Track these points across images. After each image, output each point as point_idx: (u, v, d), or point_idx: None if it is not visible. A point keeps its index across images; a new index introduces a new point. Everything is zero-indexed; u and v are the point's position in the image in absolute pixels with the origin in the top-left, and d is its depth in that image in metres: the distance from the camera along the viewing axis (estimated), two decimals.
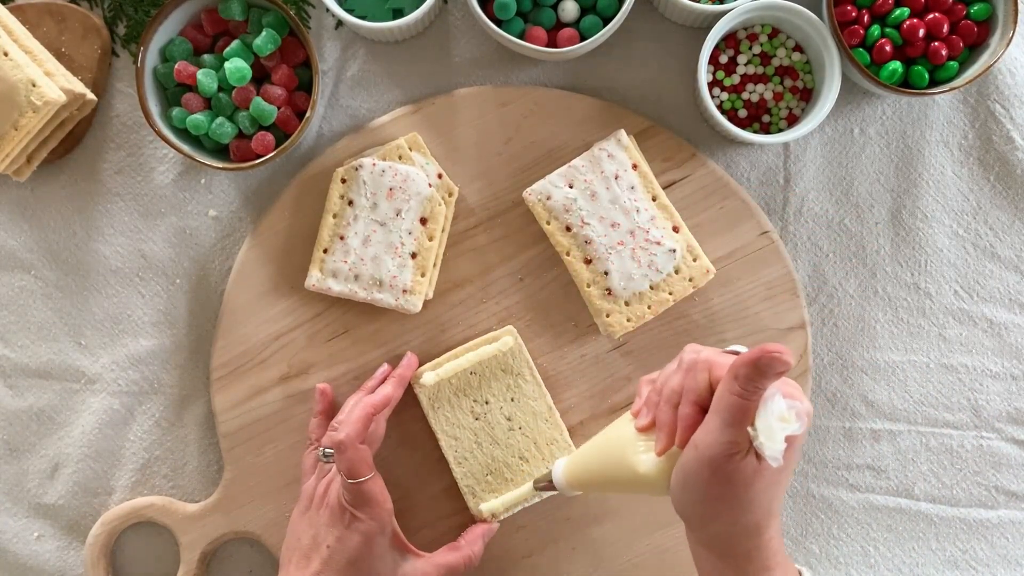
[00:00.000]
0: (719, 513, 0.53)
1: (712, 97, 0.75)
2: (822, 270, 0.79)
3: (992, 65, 0.72)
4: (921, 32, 0.72)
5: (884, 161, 0.79)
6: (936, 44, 0.73)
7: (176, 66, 0.73)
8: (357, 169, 0.74)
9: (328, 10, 0.75)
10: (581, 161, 0.74)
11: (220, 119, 0.73)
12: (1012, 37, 0.71)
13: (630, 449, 0.57)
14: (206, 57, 0.74)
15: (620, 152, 0.74)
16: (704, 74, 0.73)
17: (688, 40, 0.78)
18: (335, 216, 0.75)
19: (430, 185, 0.74)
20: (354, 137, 0.77)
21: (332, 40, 0.79)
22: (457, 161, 0.77)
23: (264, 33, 0.72)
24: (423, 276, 0.75)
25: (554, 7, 0.74)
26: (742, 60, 0.76)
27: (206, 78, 0.72)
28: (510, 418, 0.74)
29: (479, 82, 0.78)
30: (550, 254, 0.76)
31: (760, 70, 0.76)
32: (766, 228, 0.76)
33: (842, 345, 0.79)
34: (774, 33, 0.76)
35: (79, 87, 0.74)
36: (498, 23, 0.73)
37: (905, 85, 0.74)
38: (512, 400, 0.74)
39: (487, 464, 0.74)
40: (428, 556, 0.70)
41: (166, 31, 0.73)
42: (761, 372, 0.48)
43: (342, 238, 0.74)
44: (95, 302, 0.79)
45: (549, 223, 0.74)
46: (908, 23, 0.72)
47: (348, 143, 0.77)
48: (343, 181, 0.75)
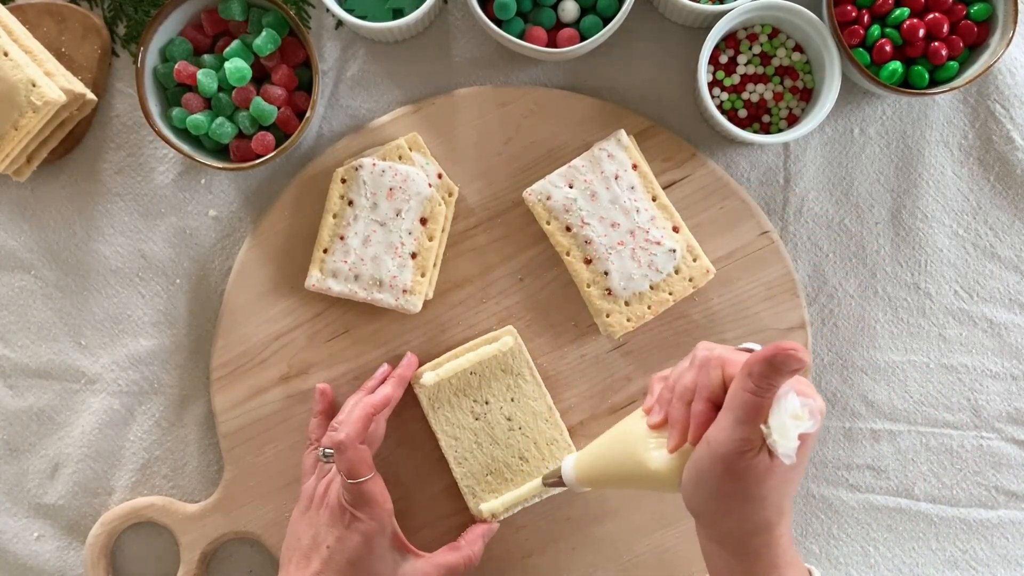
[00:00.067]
0: (730, 510, 0.53)
1: (712, 97, 0.75)
2: (822, 270, 0.79)
3: (992, 65, 0.72)
4: (921, 32, 0.72)
5: (884, 161, 0.79)
6: (936, 44, 0.73)
7: (176, 66, 0.73)
8: (357, 169, 0.74)
9: (328, 10, 0.75)
10: (581, 161, 0.74)
11: (220, 119, 0.73)
12: (1012, 37, 0.71)
13: (641, 446, 0.57)
14: (206, 57, 0.74)
15: (620, 152, 0.74)
16: (704, 74, 0.73)
17: (688, 40, 0.78)
18: (335, 216, 0.75)
19: (430, 185, 0.74)
20: (354, 137, 0.77)
21: (332, 40, 0.79)
22: (457, 161, 0.77)
23: (264, 33, 0.72)
24: (423, 276, 0.75)
25: (554, 7, 0.74)
26: (742, 60, 0.76)
27: (206, 78, 0.72)
28: (510, 418, 0.74)
29: (479, 82, 0.78)
30: (550, 254, 0.76)
31: (760, 70, 0.76)
32: (766, 228, 0.76)
33: (842, 345, 0.79)
34: (774, 33, 0.76)
35: (79, 87, 0.74)
36: (498, 23, 0.73)
37: (905, 85, 0.74)
38: (512, 400, 0.74)
39: (487, 464, 0.74)
40: (428, 556, 0.70)
41: (166, 31, 0.73)
42: (775, 369, 0.48)
43: (342, 238, 0.74)
44: (95, 302, 0.79)
45: (549, 223, 0.74)
46: (908, 23, 0.72)
47: (348, 143, 0.77)
48: (343, 181, 0.75)
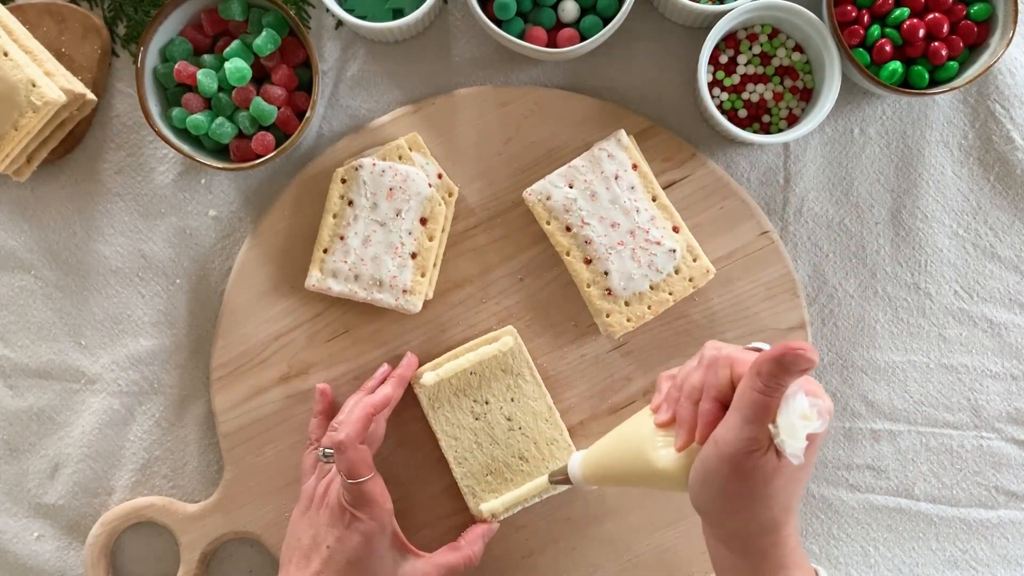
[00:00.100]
0: (737, 509, 0.53)
1: (712, 97, 0.75)
2: (822, 270, 0.79)
3: (992, 65, 0.72)
4: (921, 32, 0.72)
5: (884, 161, 0.79)
6: (936, 44, 0.73)
7: (176, 66, 0.73)
8: (357, 169, 0.74)
9: (328, 10, 0.75)
10: (581, 161, 0.74)
11: (220, 119, 0.73)
12: (1012, 37, 0.71)
13: (649, 444, 0.56)
14: (206, 57, 0.74)
15: (620, 152, 0.74)
16: (704, 74, 0.73)
17: (688, 40, 0.78)
18: (335, 216, 0.75)
19: (430, 185, 0.74)
20: (354, 137, 0.77)
21: (332, 40, 0.79)
22: (457, 161, 0.77)
23: (264, 33, 0.72)
24: (423, 276, 0.75)
25: (554, 7, 0.74)
26: (742, 60, 0.76)
27: (206, 78, 0.72)
28: (510, 418, 0.74)
29: (479, 82, 0.78)
30: (550, 254, 0.76)
31: (760, 70, 0.76)
32: (766, 228, 0.76)
33: (842, 345, 0.79)
34: (774, 33, 0.76)
35: (79, 87, 0.74)
36: (498, 23, 0.73)
37: (905, 85, 0.74)
38: (512, 400, 0.74)
39: (487, 464, 0.74)
40: (428, 556, 0.70)
41: (166, 31, 0.73)
42: (784, 369, 0.48)
43: (342, 238, 0.74)
44: (95, 302, 0.79)
45: (549, 223, 0.74)
46: (908, 23, 0.72)
47: (348, 143, 0.77)
48: (343, 181, 0.75)
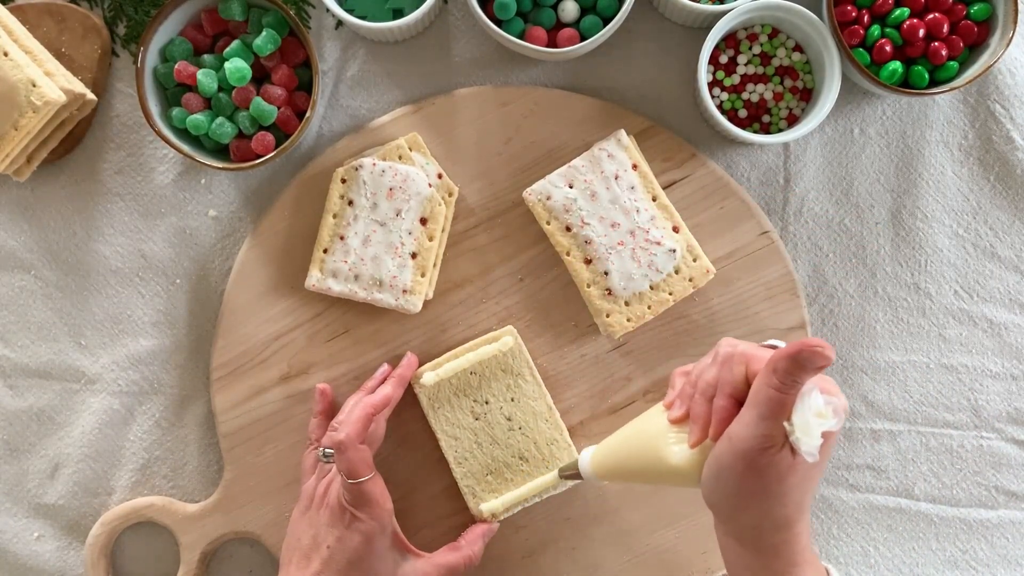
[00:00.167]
0: (750, 506, 0.53)
1: (712, 97, 0.75)
2: (822, 270, 0.79)
3: (992, 65, 0.72)
4: (921, 32, 0.72)
5: (884, 161, 0.79)
6: (936, 44, 0.72)
7: (176, 66, 0.73)
8: (357, 169, 0.74)
9: (328, 10, 0.75)
10: (581, 161, 0.74)
11: (220, 119, 0.73)
12: (1012, 37, 0.71)
13: (662, 440, 0.56)
14: (206, 57, 0.74)
15: (620, 152, 0.74)
16: (704, 74, 0.73)
17: (688, 40, 0.78)
18: (335, 216, 0.75)
19: (430, 185, 0.74)
20: (354, 137, 0.77)
21: (332, 40, 0.79)
22: (457, 161, 0.77)
23: (264, 33, 0.72)
24: (423, 276, 0.75)
25: (554, 7, 0.74)
26: (742, 60, 0.76)
27: (206, 78, 0.72)
28: (510, 418, 0.74)
29: (479, 82, 0.78)
30: (550, 254, 0.76)
31: (760, 70, 0.76)
32: (766, 228, 0.76)
33: (842, 345, 0.79)
34: (774, 33, 0.76)
35: (79, 87, 0.74)
36: (498, 23, 0.73)
37: (905, 85, 0.74)
38: (512, 400, 0.74)
39: (487, 464, 0.74)
40: (428, 556, 0.70)
41: (166, 31, 0.73)
42: (800, 366, 0.48)
43: (342, 238, 0.74)
44: (95, 302, 0.79)
45: (549, 223, 0.74)
46: (908, 23, 0.72)
47: (348, 143, 0.77)
48: (343, 181, 0.75)
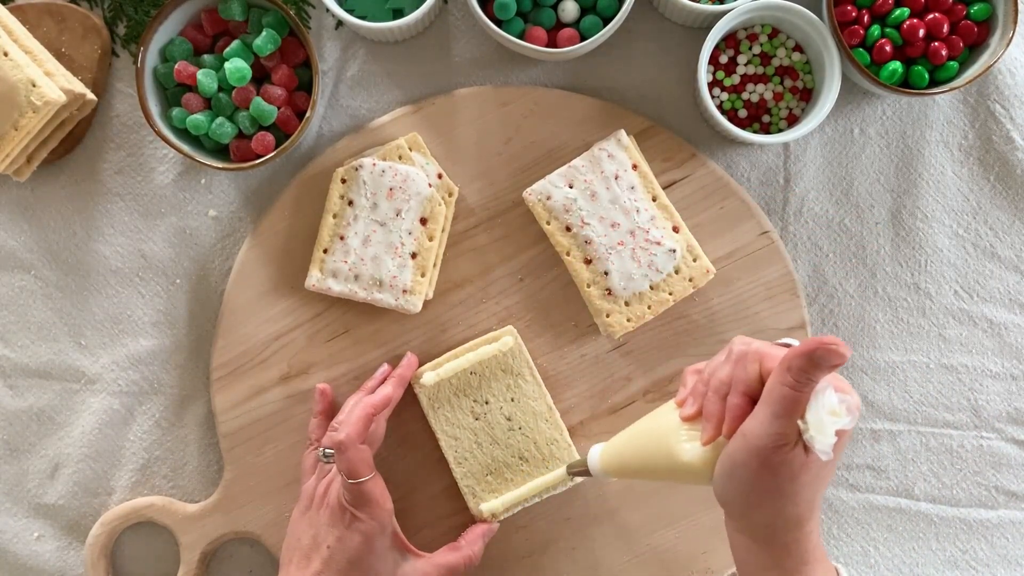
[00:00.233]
0: (763, 504, 0.53)
1: (712, 97, 0.75)
2: (822, 270, 0.79)
3: (992, 65, 0.72)
4: (921, 32, 0.72)
5: (884, 161, 0.79)
6: (936, 44, 0.73)
7: (176, 66, 0.73)
8: (357, 169, 0.74)
9: (328, 10, 0.75)
10: (581, 161, 0.74)
11: (220, 119, 0.73)
12: (1012, 37, 0.71)
13: (673, 438, 0.56)
14: (206, 57, 0.74)
15: (620, 152, 0.74)
16: (704, 74, 0.73)
17: (688, 40, 0.78)
18: (335, 216, 0.75)
19: (430, 185, 0.74)
20: (354, 137, 0.77)
21: (332, 40, 0.79)
22: (457, 161, 0.77)
23: (264, 33, 0.72)
24: (423, 276, 0.75)
25: (554, 7, 0.74)
26: (742, 60, 0.76)
27: (206, 78, 0.72)
28: (510, 418, 0.74)
29: (479, 82, 0.78)
30: (550, 254, 0.76)
31: (760, 70, 0.76)
32: (766, 228, 0.76)
33: None
34: (774, 33, 0.76)
35: (79, 87, 0.74)
36: (498, 23, 0.73)
37: (905, 85, 0.74)
38: (512, 400, 0.74)
39: (487, 464, 0.74)
40: (428, 556, 0.70)
41: (166, 31, 0.73)
42: (815, 364, 0.48)
43: (342, 238, 0.74)
44: (95, 302, 0.79)
45: (549, 223, 0.74)
46: (908, 23, 0.72)
47: (348, 143, 0.77)
48: (343, 181, 0.75)
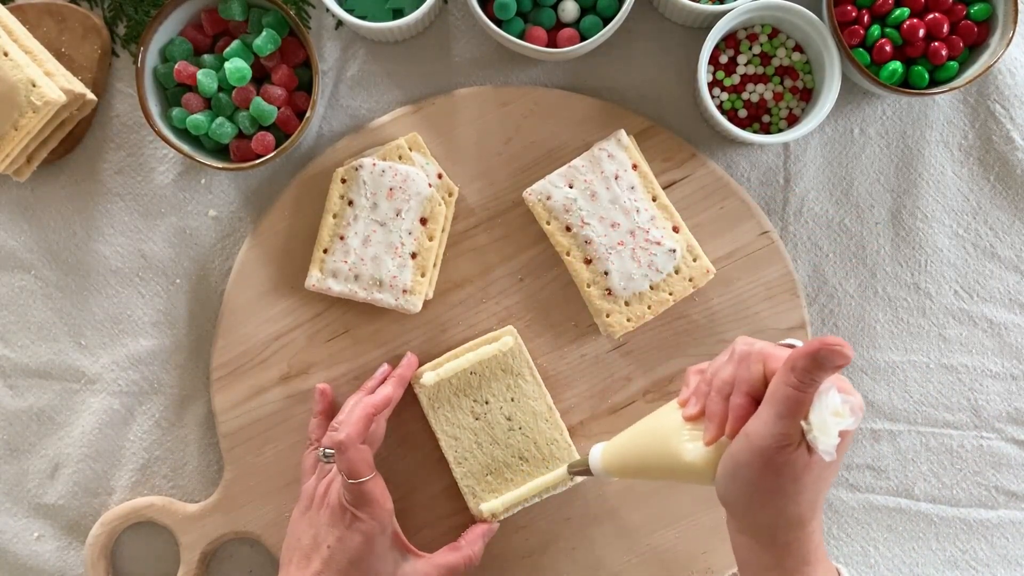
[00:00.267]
0: (765, 504, 0.53)
1: (712, 97, 0.75)
2: (822, 270, 0.79)
3: (992, 65, 0.72)
4: (921, 32, 0.72)
5: (884, 161, 0.79)
6: (936, 44, 0.73)
7: (176, 66, 0.73)
8: (357, 169, 0.74)
9: (328, 10, 0.75)
10: (581, 161, 0.74)
11: (220, 119, 0.73)
12: (1012, 37, 0.71)
13: (676, 437, 0.56)
14: (206, 57, 0.74)
15: (620, 152, 0.74)
16: (704, 74, 0.73)
17: (688, 40, 0.78)
18: (335, 216, 0.75)
19: (430, 185, 0.74)
20: (354, 137, 0.77)
21: (332, 40, 0.79)
22: (457, 161, 0.77)
23: (264, 33, 0.72)
24: (423, 276, 0.75)
25: (554, 7, 0.74)
26: (742, 60, 0.76)
27: (206, 78, 0.72)
28: (510, 418, 0.74)
29: (479, 82, 0.78)
30: (550, 254, 0.76)
31: (760, 70, 0.76)
32: (766, 228, 0.76)
33: None
34: (774, 33, 0.76)
35: (79, 87, 0.74)
36: (498, 23, 0.73)
37: (905, 85, 0.74)
38: (512, 400, 0.74)
39: (487, 464, 0.74)
40: (428, 556, 0.70)
41: (166, 31, 0.73)
42: (819, 365, 0.48)
43: (342, 238, 0.74)
44: (95, 302, 0.79)
45: (549, 223, 0.74)
46: (908, 23, 0.72)
47: (348, 143, 0.77)
48: (343, 181, 0.75)
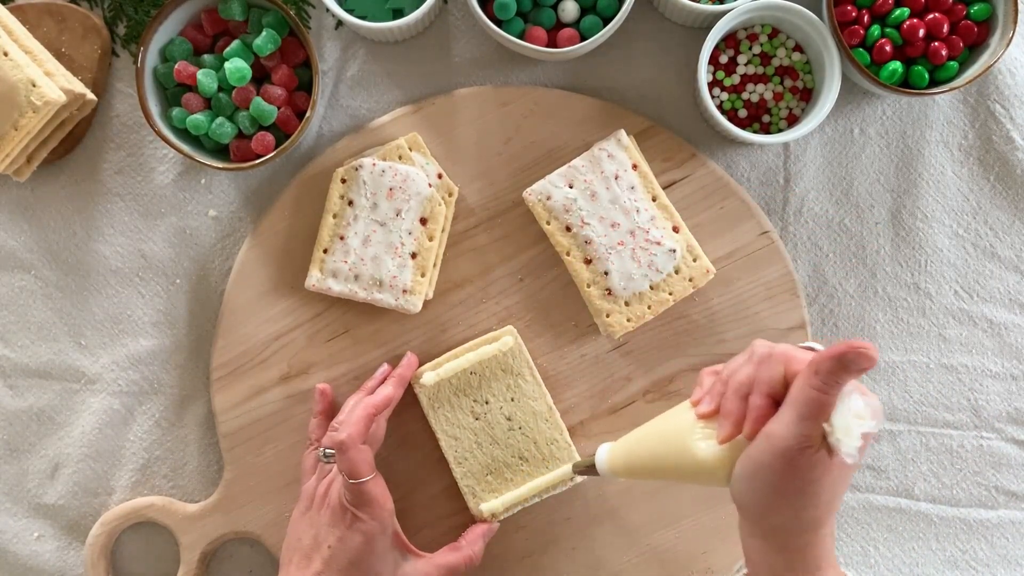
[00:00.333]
0: (782, 506, 0.53)
1: (712, 97, 0.75)
2: (822, 270, 0.79)
3: (992, 65, 0.72)
4: (921, 32, 0.72)
5: (884, 161, 0.79)
6: (936, 44, 0.73)
7: (176, 66, 0.73)
8: (357, 169, 0.74)
9: (328, 10, 0.75)
10: (581, 161, 0.74)
11: (220, 119, 0.73)
12: (1012, 37, 0.71)
13: (688, 436, 0.56)
14: (206, 57, 0.74)
15: (620, 152, 0.74)
16: (704, 74, 0.73)
17: (688, 40, 0.78)
18: (335, 216, 0.75)
19: (430, 185, 0.74)
20: (354, 137, 0.77)
21: (332, 40, 0.79)
22: (457, 161, 0.77)
23: (264, 33, 0.72)
24: (423, 276, 0.75)
25: (554, 7, 0.74)
26: (742, 60, 0.76)
27: (206, 78, 0.72)
28: (510, 418, 0.74)
29: (479, 82, 0.78)
30: (550, 254, 0.76)
31: (760, 70, 0.76)
32: (766, 228, 0.76)
33: None
34: (774, 33, 0.76)
35: (79, 87, 0.74)
36: (498, 23, 0.73)
37: (905, 85, 0.74)
38: (512, 400, 0.74)
39: (487, 464, 0.74)
40: (429, 556, 0.70)
41: (166, 31, 0.73)
42: (845, 368, 0.48)
43: (342, 238, 0.74)
44: (95, 302, 0.79)
45: (549, 223, 0.74)
46: (908, 23, 0.72)
47: (348, 143, 0.77)
48: (343, 181, 0.75)
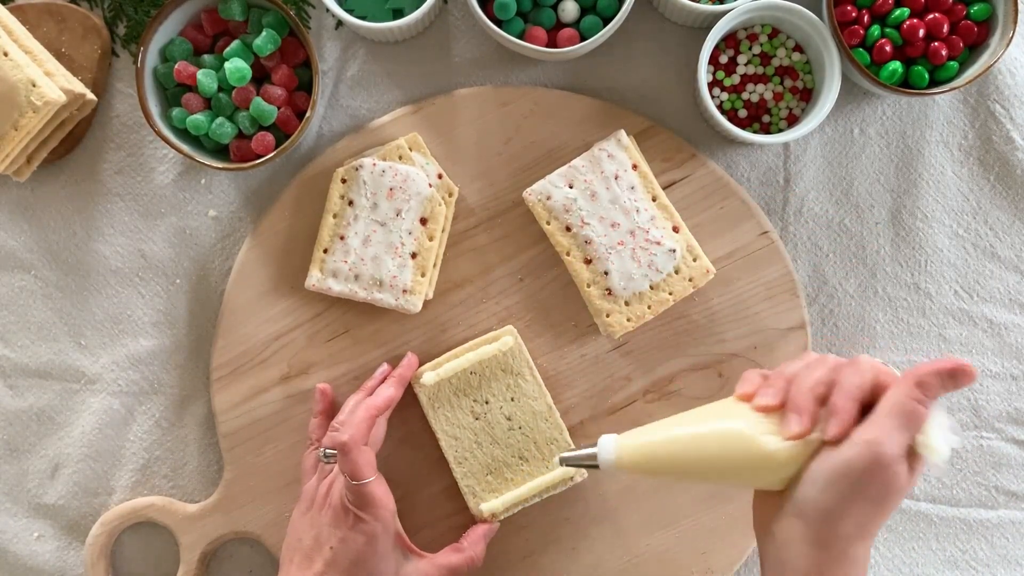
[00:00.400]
0: (856, 512, 0.52)
1: (712, 97, 0.75)
2: (822, 270, 0.79)
3: (992, 65, 0.72)
4: (921, 32, 0.72)
5: (884, 161, 0.79)
6: (936, 44, 0.73)
7: (176, 66, 0.73)
8: (357, 169, 0.74)
9: (328, 10, 0.75)
10: (581, 161, 0.74)
11: (220, 119, 0.73)
12: (1012, 37, 0.71)
13: (750, 430, 0.55)
14: (206, 57, 0.74)
15: (620, 152, 0.74)
16: (704, 74, 0.73)
17: (688, 40, 0.78)
18: (335, 216, 0.75)
19: (430, 185, 0.74)
20: (354, 137, 0.77)
21: (332, 40, 0.79)
22: (457, 161, 0.77)
23: (264, 33, 0.72)
24: (423, 276, 0.75)
25: (554, 7, 0.74)
26: (742, 60, 0.76)
27: (206, 78, 0.72)
28: (510, 418, 0.74)
29: (479, 82, 0.78)
30: (550, 254, 0.76)
31: (760, 70, 0.76)
32: (766, 228, 0.76)
33: (842, 345, 0.79)
34: (774, 33, 0.76)
35: (79, 87, 0.74)
36: (498, 23, 0.73)
37: (905, 85, 0.74)
38: (512, 400, 0.74)
39: (487, 464, 0.74)
40: (431, 557, 0.70)
41: (166, 31, 0.73)
42: (953, 383, 0.50)
43: (342, 238, 0.74)
44: (95, 302, 0.79)
45: (549, 223, 0.74)
46: (908, 23, 0.72)
47: (348, 143, 0.77)
48: (343, 181, 0.75)
